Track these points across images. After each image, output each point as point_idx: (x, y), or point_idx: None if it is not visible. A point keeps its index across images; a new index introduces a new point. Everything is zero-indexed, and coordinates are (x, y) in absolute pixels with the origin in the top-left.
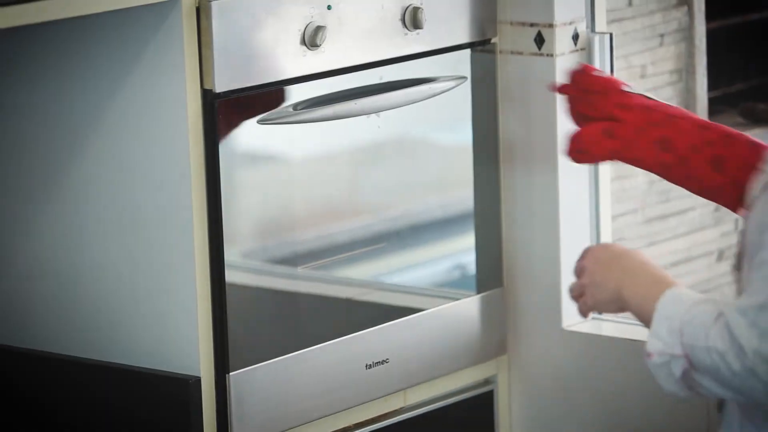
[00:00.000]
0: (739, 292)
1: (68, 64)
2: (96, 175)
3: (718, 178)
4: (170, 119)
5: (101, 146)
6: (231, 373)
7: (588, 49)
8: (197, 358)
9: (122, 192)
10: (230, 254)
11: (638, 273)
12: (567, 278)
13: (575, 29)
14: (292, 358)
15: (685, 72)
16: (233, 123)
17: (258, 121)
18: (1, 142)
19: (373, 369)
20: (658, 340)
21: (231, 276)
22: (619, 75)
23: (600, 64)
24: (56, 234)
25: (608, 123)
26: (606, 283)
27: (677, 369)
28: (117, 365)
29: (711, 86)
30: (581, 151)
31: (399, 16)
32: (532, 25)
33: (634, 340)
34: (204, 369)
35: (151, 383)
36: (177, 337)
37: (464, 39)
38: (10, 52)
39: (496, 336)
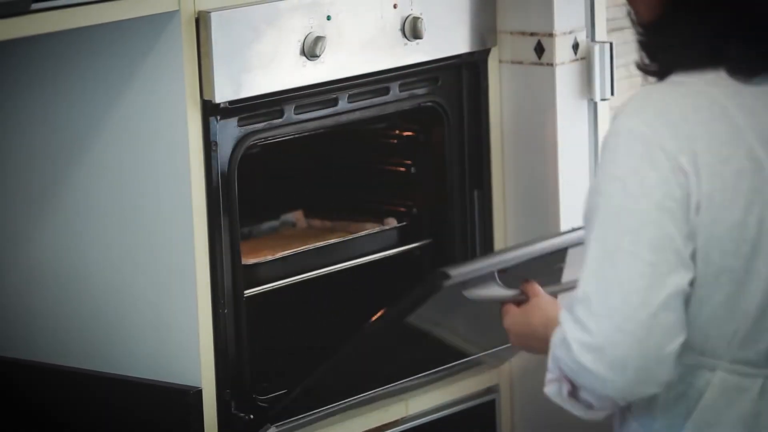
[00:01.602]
0: None
1: (69, 74)
2: (96, 185)
3: None
4: (170, 129)
5: (101, 156)
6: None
7: (588, 59)
8: (198, 369)
9: (122, 202)
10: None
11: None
12: None
13: (575, 38)
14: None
15: None
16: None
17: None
18: (2, 153)
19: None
20: (549, 372)
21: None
22: (619, 84)
23: (600, 73)
24: (56, 245)
25: None
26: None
27: (564, 391)
28: (117, 376)
29: None
30: None
31: (399, 26)
32: (532, 34)
33: None
34: (205, 380)
35: (152, 394)
36: (178, 348)
37: (464, 48)
38: (13, 62)
39: None
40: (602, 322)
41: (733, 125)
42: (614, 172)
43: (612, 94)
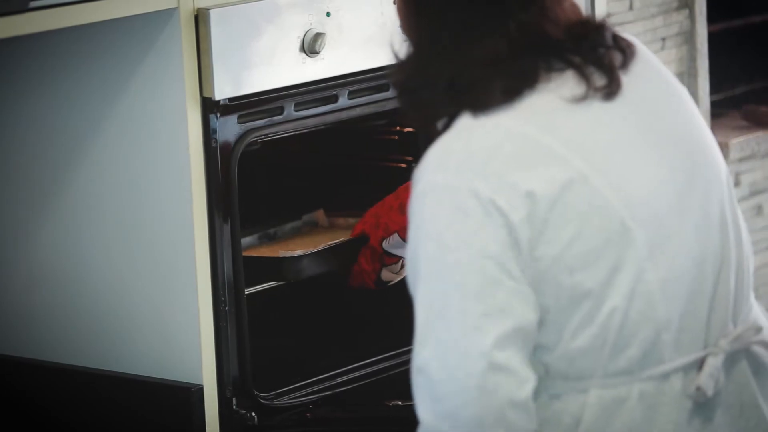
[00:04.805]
0: None
1: (68, 72)
2: (97, 184)
3: None
4: (170, 127)
5: (101, 154)
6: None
7: None
8: (199, 367)
9: (123, 200)
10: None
11: None
12: None
13: None
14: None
15: (687, 75)
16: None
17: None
18: (2, 151)
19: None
20: None
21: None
22: None
23: None
24: (57, 243)
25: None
26: None
27: None
28: (119, 374)
29: (713, 89)
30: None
31: (399, 23)
32: None
33: None
34: (206, 377)
35: (154, 392)
36: (179, 345)
37: None
38: (11, 61)
39: None
40: (445, 386)
41: (541, 146)
42: (428, 231)
43: None
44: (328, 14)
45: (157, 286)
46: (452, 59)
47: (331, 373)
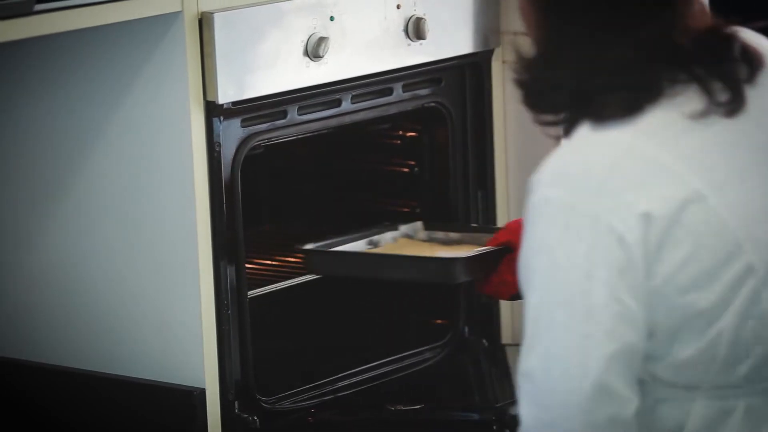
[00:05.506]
0: None
1: (72, 75)
2: (99, 187)
3: None
4: (173, 131)
5: (104, 157)
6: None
7: None
8: (202, 370)
9: (125, 203)
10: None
11: None
12: None
13: None
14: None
15: None
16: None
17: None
18: (5, 153)
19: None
20: None
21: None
22: None
23: None
24: (59, 246)
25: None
26: None
27: None
28: (121, 377)
29: None
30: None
31: (402, 27)
32: None
33: None
34: (208, 381)
35: (156, 395)
36: (181, 348)
37: (467, 49)
38: (16, 63)
39: None
40: (548, 397)
41: (659, 164)
42: (540, 246)
43: None
44: (331, 18)
45: (160, 288)
46: (578, 65)
47: (333, 377)
